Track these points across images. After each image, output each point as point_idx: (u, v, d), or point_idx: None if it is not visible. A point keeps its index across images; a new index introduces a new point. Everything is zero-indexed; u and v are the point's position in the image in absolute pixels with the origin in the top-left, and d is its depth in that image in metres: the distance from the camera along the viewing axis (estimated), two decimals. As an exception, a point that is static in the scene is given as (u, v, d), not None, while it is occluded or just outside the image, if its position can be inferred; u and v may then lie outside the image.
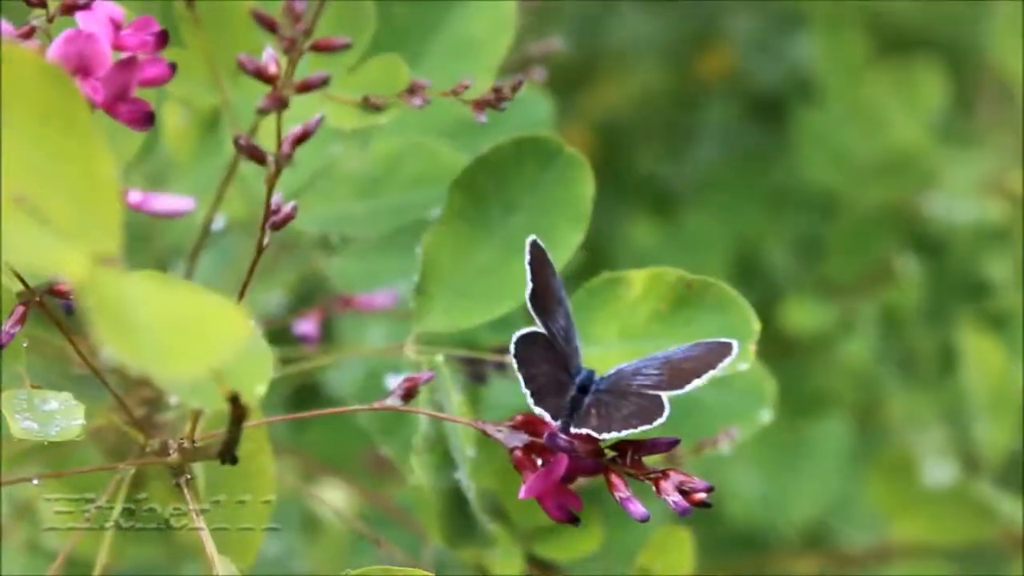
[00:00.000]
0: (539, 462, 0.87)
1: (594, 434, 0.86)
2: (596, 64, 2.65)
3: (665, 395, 0.90)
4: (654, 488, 0.84)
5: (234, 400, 0.70)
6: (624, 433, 0.87)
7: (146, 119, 0.90)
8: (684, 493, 0.84)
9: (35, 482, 0.94)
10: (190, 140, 1.30)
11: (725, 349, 0.92)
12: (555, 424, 0.87)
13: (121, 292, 0.59)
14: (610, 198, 2.37)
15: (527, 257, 0.92)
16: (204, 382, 0.69)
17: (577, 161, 1.01)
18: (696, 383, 0.90)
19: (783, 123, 2.20)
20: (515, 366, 0.89)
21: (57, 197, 0.61)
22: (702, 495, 0.84)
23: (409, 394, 0.90)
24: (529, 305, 0.92)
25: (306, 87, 0.83)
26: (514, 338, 0.90)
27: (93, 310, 0.57)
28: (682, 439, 1.11)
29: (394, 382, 0.94)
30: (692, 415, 1.17)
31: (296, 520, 1.61)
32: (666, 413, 0.89)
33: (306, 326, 1.27)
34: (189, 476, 0.88)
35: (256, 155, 0.83)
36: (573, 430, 0.87)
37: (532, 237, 0.93)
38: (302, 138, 0.82)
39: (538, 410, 0.87)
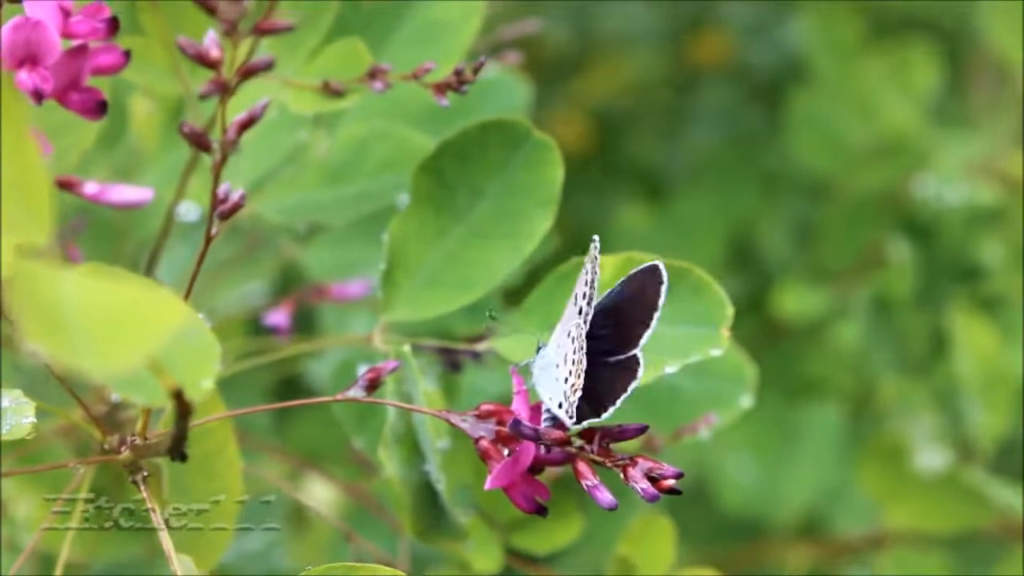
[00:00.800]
0: (506, 452, 0.85)
1: (597, 421, 0.85)
2: (590, 50, 2.64)
3: (638, 352, 0.88)
4: (621, 475, 0.82)
5: (178, 396, 0.67)
6: (619, 403, 0.85)
7: (98, 108, 0.88)
8: (653, 480, 0.81)
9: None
10: (156, 130, 1.28)
11: (655, 276, 0.90)
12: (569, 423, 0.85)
13: (48, 284, 0.57)
14: (604, 184, 2.37)
15: None
16: (143, 377, 0.67)
17: (545, 145, 0.99)
18: (648, 334, 0.89)
19: (778, 108, 2.19)
20: None
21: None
22: (671, 482, 0.81)
23: (372, 385, 0.88)
24: None
25: (250, 71, 0.80)
26: None
27: (18, 304, 0.55)
28: (662, 427, 1.11)
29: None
30: (671, 403, 1.16)
31: (280, 515, 1.60)
32: (642, 369, 0.87)
33: (277, 317, 1.25)
34: (145, 473, 0.86)
35: (201, 143, 0.81)
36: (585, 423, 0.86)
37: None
38: (248, 124, 0.80)
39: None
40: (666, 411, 1.15)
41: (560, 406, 0.85)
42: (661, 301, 0.88)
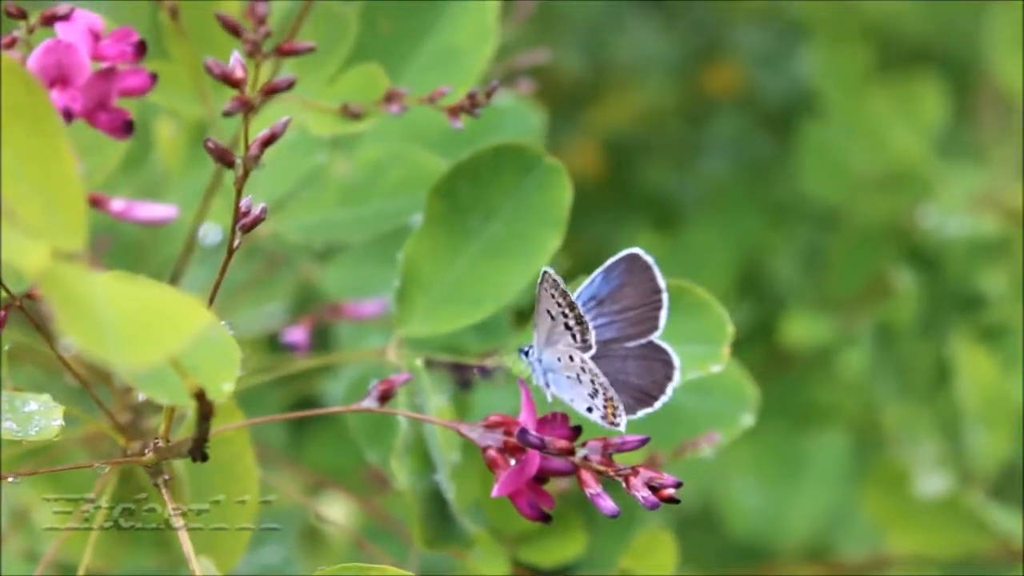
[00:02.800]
0: (513, 462, 0.88)
1: (650, 411, 0.92)
2: (603, 80, 2.67)
3: (656, 339, 0.93)
4: (624, 484, 0.85)
5: (200, 396, 0.71)
6: (669, 392, 0.91)
7: (125, 128, 0.92)
8: (654, 489, 0.84)
9: (11, 480, 0.95)
10: (180, 153, 1.31)
11: (638, 263, 0.95)
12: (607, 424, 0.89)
13: (81, 285, 0.60)
14: (616, 212, 2.39)
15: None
16: (169, 377, 0.70)
17: (555, 169, 1.02)
18: (664, 316, 0.93)
19: (788, 137, 2.21)
20: None
21: (22, 195, 0.62)
22: (670, 491, 0.84)
23: (385, 396, 0.91)
24: None
25: (272, 90, 0.84)
26: None
27: (53, 301, 0.59)
28: (664, 444, 1.13)
29: (376, 387, 0.95)
30: (673, 420, 1.18)
31: (295, 531, 1.62)
32: (675, 356, 0.92)
33: (295, 334, 1.28)
34: (167, 476, 0.89)
35: (225, 158, 0.84)
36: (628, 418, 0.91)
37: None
38: (270, 140, 0.84)
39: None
40: (668, 428, 1.17)
41: (590, 410, 0.89)
42: (661, 282, 0.94)
